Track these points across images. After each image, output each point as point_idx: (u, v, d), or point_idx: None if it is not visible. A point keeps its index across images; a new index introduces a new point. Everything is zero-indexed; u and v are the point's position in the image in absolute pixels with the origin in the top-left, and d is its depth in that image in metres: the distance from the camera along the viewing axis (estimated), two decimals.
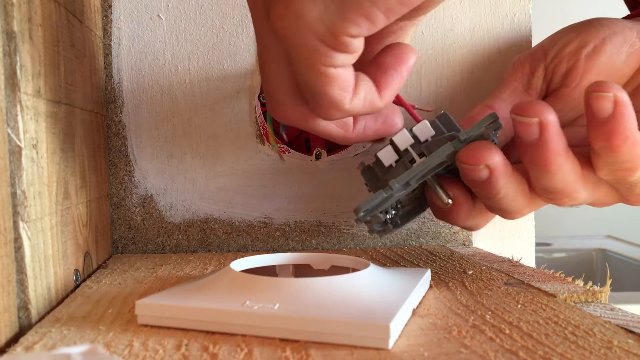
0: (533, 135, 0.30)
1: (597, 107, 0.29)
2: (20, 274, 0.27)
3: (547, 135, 0.30)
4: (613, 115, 0.29)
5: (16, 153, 0.27)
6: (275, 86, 0.30)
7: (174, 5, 0.46)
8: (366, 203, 0.32)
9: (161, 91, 0.46)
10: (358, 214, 0.32)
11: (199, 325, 0.26)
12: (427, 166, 0.32)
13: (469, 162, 0.31)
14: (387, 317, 0.24)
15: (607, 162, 0.31)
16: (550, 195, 0.32)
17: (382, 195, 0.32)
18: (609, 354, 0.23)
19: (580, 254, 1.10)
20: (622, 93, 0.29)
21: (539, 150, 0.30)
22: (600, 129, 0.30)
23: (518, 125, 0.30)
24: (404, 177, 0.32)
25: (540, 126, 0.30)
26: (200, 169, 0.47)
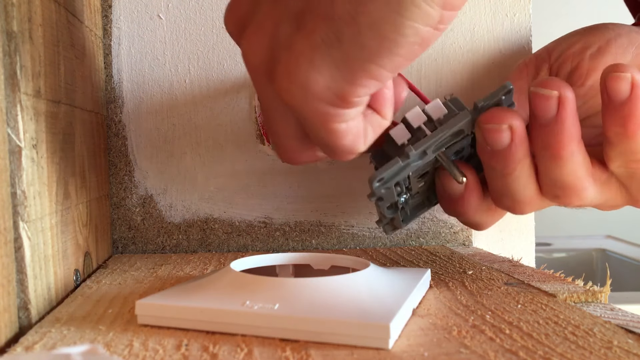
0: (551, 111, 0.29)
1: (614, 88, 0.29)
2: (20, 274, 0.27)
3: (564, 112, 0.29)
4: (630, 97, 0.29)
5: (16, 153, 0.27)
6: (282, 136, 0.30)
7: (174, 5, 0.46)
8: (381, 170, 0.31)
9: (161, 91, 0.46)
10: (373, 183, 0.31)
11: (199, 325, 0.26)
12: (444, 134, 0.31)
13: (492, 121, 0.30)
14: (387, 317, 0.24)
15: (621, 151, 0.30)
16: (558, 191, 0.32)
17: (398, 163, 0.31)
18: (609, 354, 0.23)
19: (580, 254, 1.10)
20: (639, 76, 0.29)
21: (554, 130, 0.30)
22: (616, 112, 0.29)
23: (536, 100, 0.30)
24: (420, 144, 0.31)
25: (559, 101, 0.29)
26: (200, 169, 0.47)
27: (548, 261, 1.07)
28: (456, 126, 0.31)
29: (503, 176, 0.32)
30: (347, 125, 0.27)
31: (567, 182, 0.31)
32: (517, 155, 0.31)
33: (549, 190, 0.32)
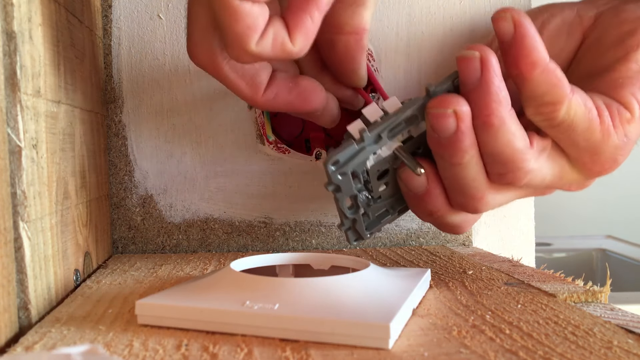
0: (475, 72, 0.30)
1: (499, 29, 0.29)
2: (20, 274, 0.27)
3: (487, 74, 0.29)
4: (514, 37, 0.29)
5: (16, 153, 0.27)
6: (192, 24, 0.30)
7: (174, 5, 0.46)
8: (336, 151, 0.31)
9: (161, 91, 0.46)
10: (327, 166, 0.31)
11: (199, 325, 0.26)
12: (397, 118, 0.31)
13: (438, 106, 0.30)
14: (387, 317, 0.24)
15: (528, 95, 0.30)
16: (500, 168, 0.31)
17: (352, 145, 0.31)
18: (609, 354, 0.23)
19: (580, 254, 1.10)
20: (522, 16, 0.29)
21: (481, 95, 0.30)
22: (508, 54, 0.29)
23: (460, 64, 0.30)
24: (375, 128, 0.31)
25: (481, 62, 0.29)
26: (200, 169, 0.47)
27: (548, 261, 1.07)
28: (409, 110, 0.31)
29: (452, 166, 0.32)
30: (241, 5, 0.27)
31: (505, 155, 0.31)
32: (465, 142, 0.30)
33: (492, 171, 0.32)
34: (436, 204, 0.34)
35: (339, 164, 0.31)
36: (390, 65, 0.47)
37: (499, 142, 0.30)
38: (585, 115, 0.31)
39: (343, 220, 0.35)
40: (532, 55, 0.29)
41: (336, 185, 0.32)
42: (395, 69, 0.47)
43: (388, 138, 0.32)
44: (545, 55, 0.29)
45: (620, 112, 0.32)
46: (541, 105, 0.30)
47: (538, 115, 0.31)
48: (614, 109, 0.32)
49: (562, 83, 0.30)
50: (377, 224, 0.36)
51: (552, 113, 0.30)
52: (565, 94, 0.30)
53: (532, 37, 0.29)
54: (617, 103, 0.32)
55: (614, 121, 0.32)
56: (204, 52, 0.31)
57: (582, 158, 0.32)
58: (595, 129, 0.31)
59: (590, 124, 0.31)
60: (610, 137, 0.32)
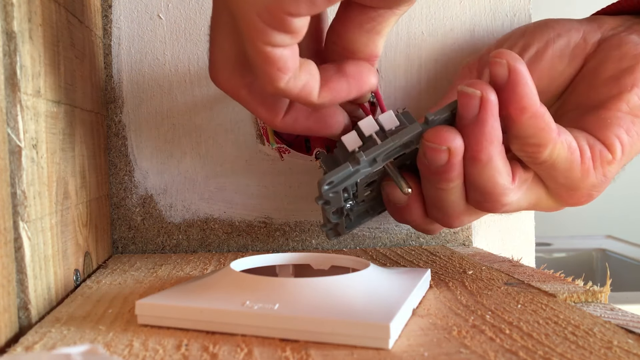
0: (473, 110, 0.30)
1: (494, 73, 0.30)
2: (20, 274, 0.27)
3: (484, 113, 0.30)
4: (508, 82, 0.30)
5: (16, 153, 0.27)
6: (218, 51, 0.31)
7: (174, 5, 0.46)
8: (331, 174, 0.31)
9: (161, 91, 0.46)
10: (322, 187, 0.31)
11: (199, 325, 0.26)
12: (395, 144, 0.32)
13: (433, 141, 0.31)
14: (387, 317, 0.24)
15: (514, 135, 0.31)
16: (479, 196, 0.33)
17: (348, 168, 0.31)
18: (609, 354, 0.23)
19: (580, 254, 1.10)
20: (517, 62, 0.30)
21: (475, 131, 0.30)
22: (501, 96, 0.30)
23: (461, 99, 0.31)
24: (371, 152, 0.32)
25: (481, 101, 0.30)
26: (200, 169, 0.47)
27: (548, 261, 1.07)
28: (406, 137, 0.32)
29: (437, 190, 0.33)
30: (273, 50, 0.27)
31: (487, 189, 0.32)
32: (452, 174, 0.32)
33: (471, 196, 0.33)
34: (413, 217, 0.36)
35: (332, 184, 0.32)
36: (390, 65, 0.47)
37: (483, 176, 0.32)
38: (568, 157, 0.32)
39: (326, 223, 0.36)
40: (523, 101, 0.30)
41: (326, 200, 0.33)
42: (395, 68, 0.47)
43: (382, 162, 0.32)
44: (535, 101, 0.30)
45: (602, 154, 0.33)
46: (526, 145, 0.31)
47: (522, 152, 0.32)
48: (596, 151, 0.33)
49: (550, 127, 0.31)
50: (357, 224, 0.38)
51: (536, 153, 0.31)
52: (550, 138, 0.31)
53: (525, 84, 0.30)
54: (601, 144, 0.33)
55: (595, 162, 0.33)
56: (226, 77, 0.32)
57: (559, 191, 0.34)
58: (576, 169, 0.32)
59: (571, 164, 0.32)
60: (589, 177, 0.33)
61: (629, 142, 0.33)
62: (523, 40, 0.39)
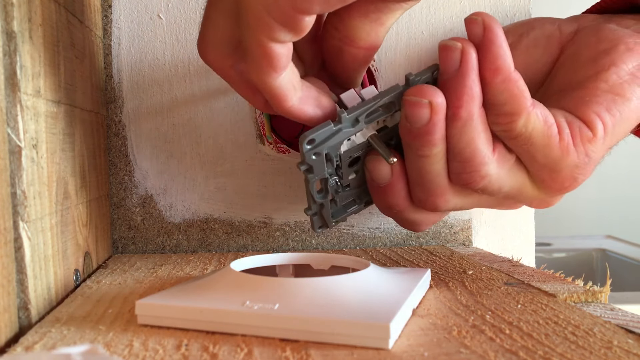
0: (454, 62, 0.30)
1: (469, 31, 0.30)
2: (20, 274, 0.27)
3: (465, 66, 0.30)
4: (483, 41, 0.29)
5: (16, 153, 0.27)
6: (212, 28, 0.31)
7: (174, 5, 0.46)
8: (312, 130, 0.31)
9: (161, 91, 0.46)
10: (302, 145, 0.31)
11: (199, 325, 0.26)
12: (376, 103, 0.31)
13: (414, 94, 0.30)
14: (387, 317, 0.24)
15: (488, 102, 0.30)
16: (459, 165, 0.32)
17: (329, 125, 0.31)
18: (609, 354, 0.23)
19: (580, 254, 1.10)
20: (493, 21, 0.29)
21: (455, 85, 0.30)
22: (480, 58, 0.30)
23: (442, 53, 0.30)
24: (353, 110, 0.31)
25: (461, 54, 0.30)
26: (200, 169, 0.47)
27: (548, 261, 1.07)
28: (387, 96, 0.31)
29: (419, 158, 0.32)
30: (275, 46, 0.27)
31: (466, 154, 0.31)
32: (435, 135, 0.31)
33: (452, 169, 0.32)
34: (397, 199, 0.35)
35: (314, 143, 0.31)
36: (390, 65, 0.47)
37: (463, 138, 0.31)
38: (544, 131, 0.31)
39: (311, 205, 0.35)
40: (496, 61, 0.29)
41: (309, 165, 0.32)
42: (396, 68, 0.47)
43: (365, 123, 0.32)
44: (509, 64, 0.30)
45: (581, 131, 0.32)
46: (500, 115, 0.30)
47: (496, 125, 0.31)
48: (575, 127, 0.32)
49: (523, 95, 0.30)
50: (343, 213, 0.37)
51: (509, 124, 0.31)
52: (524, 106, 0.30)
53: (499, 44, 0.29)
54: (580, 121, 0.32)
55: (575, 139, 0.32)
56: (216, 56, 0.31)
57: (541, 174, 0.32)
58: (554, 146, 0.31)
59: (549, 140, 0.31)
60: (570, 155, 0.32)
61: (610, 120, 0.32)
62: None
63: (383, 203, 0.35)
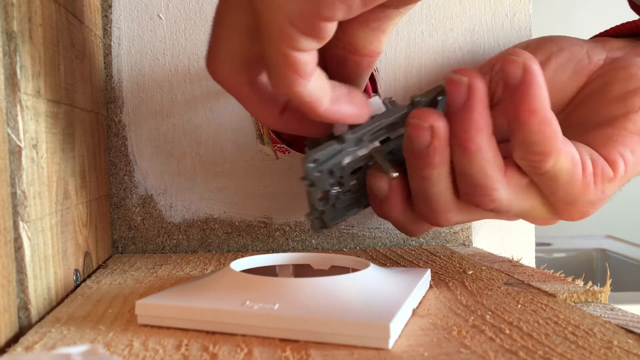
0: (461, 97, 0.30)
1: (508, 71, 0.29)
2: (20, 274, 0.27)
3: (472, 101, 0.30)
4: (522, 82, 0.29)
5: (16, 153, 0.27)
6: (223, 46, 0.30)
7: (174, 5, 0.46)
8: (316, 150, 0.31)
9: (161, 91, 0.46)
10: (306, 164, 0.31)
11: (199, 325, 0.26)
12: (381, 124, 0.32)
13: (416, 117, 0.31)
14: (387, 317, 0.24)
15: (519, 140, 0.30)
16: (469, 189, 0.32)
17: (333, 146, 0.31)
18: (609, 354, 0.23)
19: (580, 254, 1.10)
20: (533, 62, 0.29)
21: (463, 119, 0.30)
22: (511, 97, 0.29)
23: (448, 86, 0.30)
24: (357, 131, 0.32)
25: (468, 88, 0.30)
26: (200, 169, 0.47)
27: (548, 261, 1.07)
28: (392, 117, 0.32)
29: (420, 178, 0.32)
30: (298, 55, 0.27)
31: (476, 180, 0.31)
32: (435, 159, 0.31)
33: (462, 189, 0.32)
34: (393, 211, 0.35)
35: (317, 162, 0.32)
36: (390, 65, 0.47)
37: (472, 167, 0.31)
38: (570, 170, 0.31)
39: (312, 211, 0.35)
40: (535, 103, 0.29)
41: (312, 181, 0.33)
42: (396, 68, 0.47)
43: (368, 142, 0.32)
44: (546, 106, 0.29)
45: (604, 171, 0.32)
46: (530, 153, 0.30)
47: (524, 161, 0.31)
48: (599, 166, 0.32)
49: (557, 136, 0.30)
50: (343, 215, 0.37)
51: (539, 162, 0.31)
52: (556, 147, 0.30)
53: (538, 86, 0.29)
54: (604, 160, 0.33)
55: (596, 178, 0.32)
56: (229, 73, 0.31)
57: (556, 204, 0.33)
58: (576, 183, 0.32)
59: (572, 178, 0.31)
60: (589, 193, 0.32)
61: (632, 161, 0.33)
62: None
63: (380, 212, 0.36)
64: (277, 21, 0.26)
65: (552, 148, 0.30)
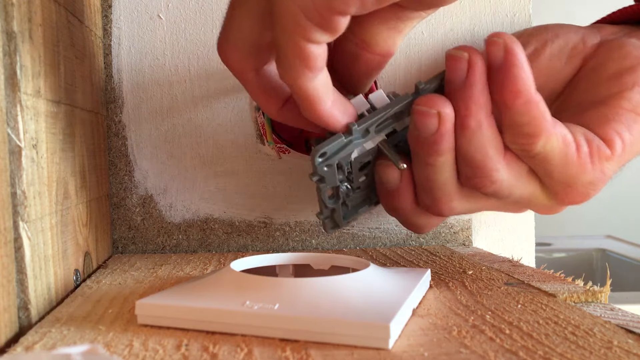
0: (461, 72, 0.30)
1: (490, 52, 0.29)
2: (20, 274, 0.27)
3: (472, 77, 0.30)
4: (504, 63, 0.29)
5: (16, 153, 0.27)
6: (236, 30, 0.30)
7: (174, 5, 0.46)
8: (324, 144, 0.31)
9: (161, 91, 0.46)
10: (315, 158, 0.31)
11: (199, 325, 0.26)
12: (387, 113, 0.32)
13: (423, 104, 0.30)
14: (387, 317, 0.24)
15: (507, 123, 0.30)
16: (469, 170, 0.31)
17: (341, 138, 0.31)
18: (609, 354, 0.23)
19: (580, 254, 1.10)
20: (514, 43, 0.29)
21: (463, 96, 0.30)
22: (495, 78, 0.29)
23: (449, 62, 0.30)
24: (363, 122, 0.31)
25: (468, 64, 0.30)
26: (200, 169, 0.47)
27: (548, 261, 1.07)
28: (398, 106, 0.32)
29: (426, 166, 0.32)
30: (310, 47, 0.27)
31: (476, 160, 0.31)
32: (442, 145, 0.31)
33: (462, 171, 0.32)
34: (403, 202, 0.35)
35: (325, 156, 0.32)
36: (390, 65, 0.47)
37: (472, 145, 0.31)
38: (562, 150, 0.31)
39: (322, 210, 0.35)
40: (517, 84, 0.29)
41: (321, 176, 0.33)
42: (396, 68, 0.47)
43: (375, 132, 0.32)
44: (531, 86, 0.29)
45: (600, 149, 0.32)
46: (519, 135, 0.30)
47: (515, 144, 0.31)
48: (594, 145, 0.32)
49: (544, 117, 0.30)
50: (354, 214, 0.37)
51: (529, 145, 0.30)
52: (545, 128, 0.30)
53: (521, 67, 0.29)
54: (600, 139, 0.32)
55: (593, 157, 0.32)
56: (237, 58, 0.31)
57: (555, 187, 0.33)
58: (571, 164, 0.31)
59: (566, 158, 0.31)
60: (586, 172, 0.32)
61: (629, 139, 0.33)
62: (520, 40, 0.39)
63: (390, 205, 0.36)
64: (290, 11, 0.26)
65: (541, 128, 0.30)
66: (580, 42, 0.38)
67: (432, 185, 0.33)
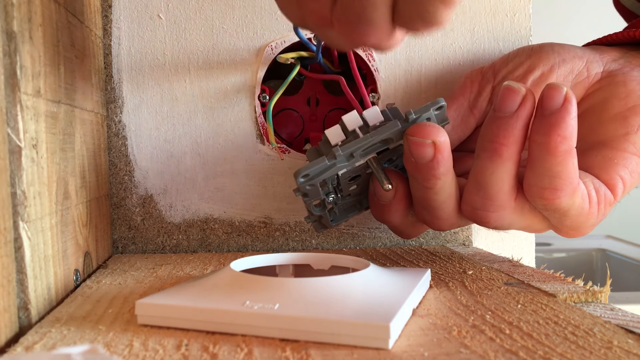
0: (512, 105, 0.30)
1: (549, 96, 0.30)
2: (20, 274, 0.27)
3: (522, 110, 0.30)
4: (561, 108, 0.30)
5: (16, 153, 0.27)
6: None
7: (174, 5, 0.46)
8: (307, 167, 0.32)
9: (161, 91, 0.46)
10: (297, 179, 0.32)
11: (199, 325, 0.26)
12: (373, 140, 0.32)
13: (417, 135, 0.31)
14: (387, 317, 0.24)
15: (539, 171, 0.31)
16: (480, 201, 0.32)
17: (324, 162, 0.31)
18: (609, 354, 0.23)
19: (580, 254, 1.10)
20: (573, 95, 0.30)
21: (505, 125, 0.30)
22: (545, 121, 0.30)
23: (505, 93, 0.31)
24: (348, 147, 0.32)
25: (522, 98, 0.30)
26: (200, 169, 0.47)
27: (548, 261, 1.07)
28: (384, 134, 0.32)
29: (424, 189, 0.33)
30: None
31: (491, 190, 0.32)
32: (439, 171, 0.31)
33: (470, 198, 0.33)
34: (394, 217, 0.36)
35: (308, 177, 0.32)
36: (390, 65, 0.47)
37: (494, 175, 0.31)
38: (580, 205, 0.32)
39: (309, 215, 0.35)
40: (567, 130, 0.30)
41: (303, 193, 0.33)
42: (396, 68, 0.47)
43: (360, 157, 0.32)
44: (575, 140, 0.30)
45: (606, 197, 0.33)
46: (546, 189, 0.31)
47: (538, 198, 0.31)
48: (601, 194, 0.33)
49: (575, 172, 0.31)
50: (344, 218, 0.37)
51: (553, 200, 0.31)
52: (573, 184, 0.31)
53: (575, 118, 0.30)
54: (605, 187, 0.33)
55: (600, 205, 0.33)
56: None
57: (560, 229, 0.34)
58: (584, 215, 0.33)
59: (581, 211, 0.32)
60: (592, 219, 0.33)
61: (630, 182, 0.34)
62: (529, 61, 0.39)
63: (379, 216, 0.36)
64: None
65: (570, 183, 0.30)
66: (585, 69, 0.38)
67: (431, 205, 0.34)
